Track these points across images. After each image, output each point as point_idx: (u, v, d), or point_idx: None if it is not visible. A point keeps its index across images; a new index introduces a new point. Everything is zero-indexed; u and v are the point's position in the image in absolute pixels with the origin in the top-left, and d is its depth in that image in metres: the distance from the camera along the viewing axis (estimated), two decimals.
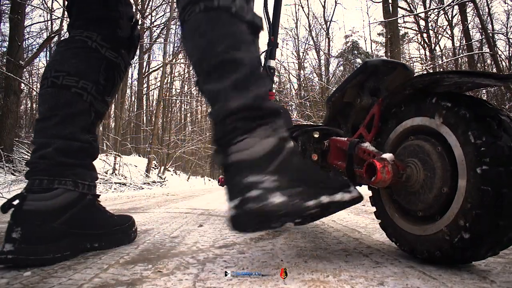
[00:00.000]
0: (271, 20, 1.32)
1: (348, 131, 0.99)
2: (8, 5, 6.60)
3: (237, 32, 0.64)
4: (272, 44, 1.31)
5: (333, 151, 0.89)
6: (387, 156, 0.67)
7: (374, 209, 0.80)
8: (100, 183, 6.35)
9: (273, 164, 0.60)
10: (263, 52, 1.30)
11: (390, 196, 0.75)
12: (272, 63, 1.32)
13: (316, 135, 0.99)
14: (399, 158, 0.69)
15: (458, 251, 0.57)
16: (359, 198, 0.64)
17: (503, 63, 10.32)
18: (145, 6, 15.12)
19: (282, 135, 0.63)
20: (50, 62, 0.84)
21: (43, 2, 9.69)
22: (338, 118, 0.97)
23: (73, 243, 0.75)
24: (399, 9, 13.10)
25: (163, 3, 15.58)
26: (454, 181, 0.58)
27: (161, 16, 16.66)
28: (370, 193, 0.82)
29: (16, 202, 0.71)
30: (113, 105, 17.58)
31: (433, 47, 14.21)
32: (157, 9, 16.27)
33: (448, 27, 13.85)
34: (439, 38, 14.44)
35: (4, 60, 6.54)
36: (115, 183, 6.64)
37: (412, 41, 17.46)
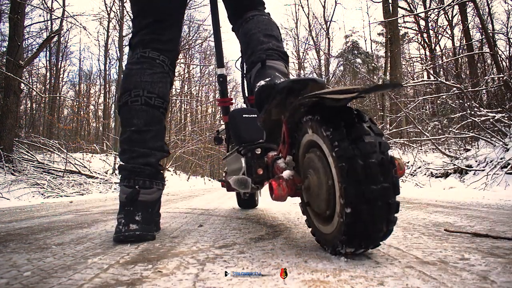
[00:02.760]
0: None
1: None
2: (8, 5, 6.60)
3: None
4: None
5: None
6: (285, 173, 0.81)
7: None
8: (100, 183, 6.35)
9: None
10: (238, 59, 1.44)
11: (309, 206, 0.82)
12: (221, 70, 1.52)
13: (258, 152, 1.12)
14: (305, 169, 0.78)
15: (351, 237, 0.64)
16: None
17: (503, 63, 10.31)
18: None
19: None
20: (141, 82, 1.03)
21: (43, 2, 9.69)
22: (275, 133, 0.99)
23: (157, 223, 1.10)
24: (399, 9, 13.11)
25: None
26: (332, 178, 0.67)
27: None
28: None
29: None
30: (113, 105, 17.60)
31: (433, 47, 14.20)
32: None
33: (448, 27, 13.84)
34: (439, 38, 14.42)
35: (4, 60, 6.54)
36: (115, 183, 6.64)
37: (412, 41, 17.46)
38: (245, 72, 1.27)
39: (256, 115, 1.27)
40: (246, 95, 1.44)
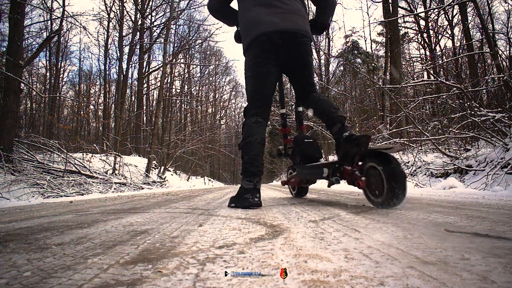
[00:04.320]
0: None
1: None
2: (8, 5, 6.60)
3: None
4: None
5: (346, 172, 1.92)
6: (363, 178, 1.72)
7: (373, 209, 0.81)
8: (100, 183, 6.34)
9: None
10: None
11: (368, 191, 1.75)
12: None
13: (337, 165, 1.99)
14: (368, 176, 1.71)
15: (390, 200, 1.57)
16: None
17: (503, 63, 10.31)
18: (145, 6, 15.11)
19: None
20: (257, 133, 1.93)
21: (43, 2, 9.68)
22: (346, 158, 1.89)
23: (260, 198, 1.86)
24: (399, 9, 13.12)
25: (163, 3, 15.58)
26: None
27: (161, 16, 16.69)
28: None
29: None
30: (113, 105, 17.59)
31: (433, 47, 14.21)
32: (157, 9, 16.28)
33: (448, 27, 13.85)
34: (439, 38, 14.43)
35: (4, 60, 6.54)
36: (115, 183, 6.64)
37: (412, 41, 17.47)
38: (303, 119, 2.60)
39: (312, 140, 2.39)
40: (299, 125, 2.56)
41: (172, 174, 13.36)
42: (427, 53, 14.24)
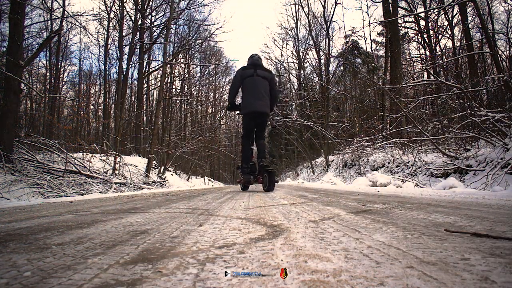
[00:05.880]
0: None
1: None
2: (8, 5, 6.60)
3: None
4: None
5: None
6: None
7: (373, 209, 0.81)
8: (100, 183, 6.34)
9: None
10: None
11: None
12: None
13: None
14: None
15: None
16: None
17: (503, 63, 10.31)
18: (145, 6, 15.11)
19: None
20: (248, 151, 4.47)
21: (43, 2, 9.68)
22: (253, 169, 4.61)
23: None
24: (399, 9, 13.12)
25: (163, 3, 15.58)
26: None
27: (161, 16, 16.68)
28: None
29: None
30: (113, 105, 17.59)
31: (433, 47, 14.21)
32: (157, 9, 16.28)
33: (448, 27, 13.85)
34: (439, 38, 14.43)
35: (4, 60, 6.54)
36: (115, 183, 6.64)
37: (412, 41, 17.47)
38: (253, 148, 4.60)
39: (252, 163, 4.60)
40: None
41: (172, 174, 13.36)
42: (427, 53, 14.24)
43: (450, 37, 13.51)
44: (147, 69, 17.46)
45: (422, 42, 15.20)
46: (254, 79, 3.96)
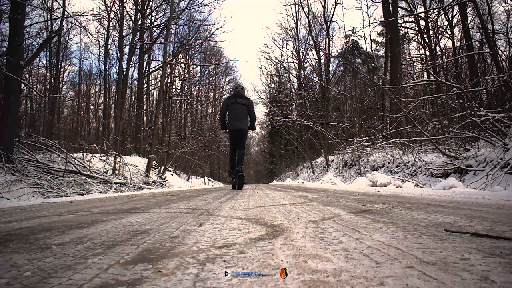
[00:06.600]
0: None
1: None
2: (8, 5, 6.60)
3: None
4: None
5: None
6: None
7: (373, 209, 0.81)
8: (100, 183, 6.34)
9: None
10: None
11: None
12: None
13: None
14: None
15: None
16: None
17: (503, 63, 10.32)
18: (145, 6, 15.11)
19: None
20: (236, 159, 5.52)
21: (43, 2, 9.67)
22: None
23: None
24: (399, 9, 13.11)
25: (163, 3, 15.57)
26: None
27: (161, 16, 16.66)
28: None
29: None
30: (113, 105, 17.60)
31: (433, 47, 14.21)
32: (157, 9, 16.27)
33: (448, 27, 13.85)
34: (439, 38, 14.43)
35: (4, 60, 6.54)
36: (115, 183, 6.64)
37: (412, 41, 17.47)
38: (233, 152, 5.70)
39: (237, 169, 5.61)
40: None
41: (172, 174, 13.36)
42: (427, 53, 14.24)
43: (450, 37, 13.51)
44: (147, 69, 17.46)
45: (422, 42, 15.20)
46: (236, 106, 5.44)
